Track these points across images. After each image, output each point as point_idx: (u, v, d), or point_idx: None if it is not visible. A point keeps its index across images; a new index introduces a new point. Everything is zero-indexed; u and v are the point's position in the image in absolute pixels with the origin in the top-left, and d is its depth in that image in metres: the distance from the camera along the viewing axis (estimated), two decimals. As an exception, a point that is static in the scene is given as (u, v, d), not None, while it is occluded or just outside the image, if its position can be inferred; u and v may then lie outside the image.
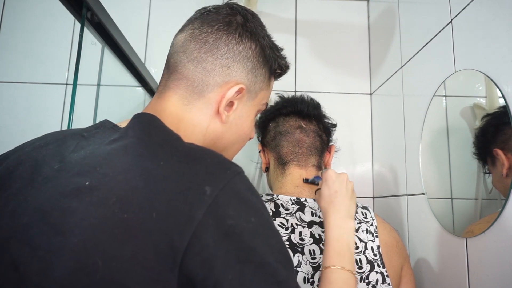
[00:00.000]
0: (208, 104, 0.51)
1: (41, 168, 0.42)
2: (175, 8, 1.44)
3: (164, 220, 0.34)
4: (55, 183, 0.39)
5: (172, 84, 0.52)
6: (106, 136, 0.45)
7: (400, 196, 1.06)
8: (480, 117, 0.73)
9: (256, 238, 0.36)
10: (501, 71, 0.66)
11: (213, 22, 0.51)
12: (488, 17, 0.70)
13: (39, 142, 0.47)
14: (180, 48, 0.52)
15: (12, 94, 1.36)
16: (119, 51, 0.99)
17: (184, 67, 0.51)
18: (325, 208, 0.68)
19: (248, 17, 0.54)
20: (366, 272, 0.71)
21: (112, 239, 0.34)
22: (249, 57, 0.52)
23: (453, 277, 0.78)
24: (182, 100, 0.51)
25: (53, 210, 0.36)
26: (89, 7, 0.77)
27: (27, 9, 1.41)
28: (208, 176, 0.38)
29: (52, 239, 0.35)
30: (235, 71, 0.51)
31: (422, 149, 0.94)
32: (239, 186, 0.39)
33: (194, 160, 0.40)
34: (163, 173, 0.37)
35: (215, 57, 0.50)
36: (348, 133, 1.35)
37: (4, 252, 0.36)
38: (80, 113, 0.80)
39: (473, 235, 0.71)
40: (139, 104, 1.31)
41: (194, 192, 0.36)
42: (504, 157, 0.66)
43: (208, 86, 0.50)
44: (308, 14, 1.44)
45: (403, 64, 1.08)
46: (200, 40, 0.50)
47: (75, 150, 0.43)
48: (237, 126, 0.54)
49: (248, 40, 0.52)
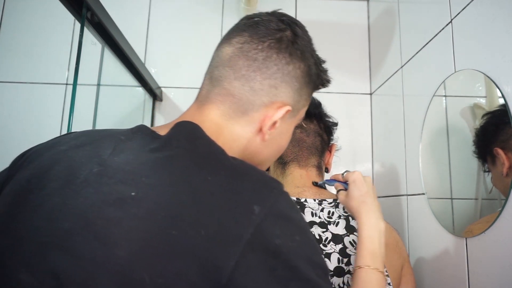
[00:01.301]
0: (251, 122, 0.49)
1: (79, 170, 0.40)
2: (175, 8, 1.44)
3: (212, 239, 0.34)
4: (97, 189, 0.38)
5: (215, 98, 0.49)
6: (146, 142, 0.44)
7: (400, 196, 1.06)
8: (480, 117, 0.73)
9: (301, 256, 0.37)
10: (501, 71, 0.66)
11: (263, 38, 0.49)
12: (488, 17, 0.70)
13: (74, 141, 0.46)
14: (227, 63, 0.49)
15: (12, 94, 1.36)
16: (119, 51, 0.99)
17: (230, 84, 0.49)
18: (356, 208, 0.68)
19: (298, 33, 0.51)
20: None
21: (160, 255, 0.33)
22: (298, 77, 0.51)
23: (453, 277, 0.78)
24: (224, 116, 0.49)
25: (97, 218, 0.35)
26: (89, 7, 0.77)
27: (27, 9, 1.41)
28: (256, 195, 0.38)
29: (96, 249, 0.34)
30: (282, 91, 0.50)
31: (422, 149, 0.94)
32: (284, 205, 0.39)
33: (240, 177, 0.39)
34: (211, 189, 0.37)
35: (264, 77, 0.48)
36: (348, 133, 1.35)
37: (42, 257, 0.35)
38: (80, 113, 0.80)
39: (472, 235, 0.71)
40: (139, 104, 1.31)
41: (243, 210, 0.36)
42: (504, 156, 0.66)
43: (254, 105, 0.49)
44: (308, 14, 1.44)
45: (403, 64, 1.08)
46: (250, 57, 0.48)
47: (114, 153, 0.42)
48: (276, 142, 0.54)
49: (298, 60, 0.50)
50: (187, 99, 1.38)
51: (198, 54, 1.39)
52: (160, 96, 1.36)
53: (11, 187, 0.43)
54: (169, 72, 1.39)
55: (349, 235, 0.73)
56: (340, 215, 0.76)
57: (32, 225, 0.37)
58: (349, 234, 0.73)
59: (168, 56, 1.40)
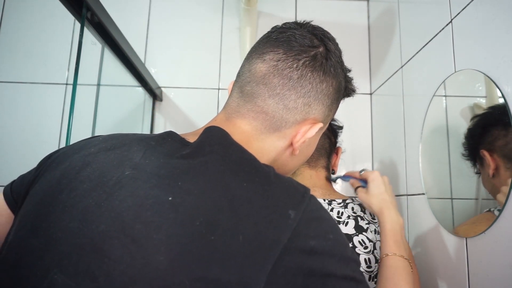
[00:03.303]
0: (282, 137, 0.50)
1: (110, 172, 0.40)
2: (175, 8, 1.44)
3: (250, 244, 0.34)
4: (132, 192, 0.38)
5: (247, 114, 0.49)
6: (177, 148, 0.44)
7: (400, 196, 1.06)
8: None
9: (335, 254, 0.38)
10: (501, 71, 0.66)
11: (298, 56, 0.49)
12: (488, 17, 0.70)
13: (104, 144, 0.46)
14: (260, 80, 0.49)
15: (12, 94, 1.36)
16: (119, 51, 0.99)
17: (264, 102, 0.48)
18: (377, 205, 0.74)
19: (330, 48, 0.52)
20: (375, 271, 0.71)
21: (199, 260, 0.33)
22: (329, 94, 0.52)
23: (453, 277, 0.78)
24: (255, 131, 0.49)
25: (135, 222, 0.35)
26: (89, 7, 0.77)
27: (27, 9, 1.41)
28: (290, 200, 0.39)
29: (135, 253, 0.34)
30: (315, 109, 0.51)
31: (422, 149, 0.94)
32: (315, 207, 0.40)
33: (274, 183, 0.40)
34: (247, 195, 0.38)
35: (299, 95, 0.48)
36: (348, 133, 1.35)
37: (77, 258, 0.35)
38: (80, 113, 0.80)
39: (463, 234, 0.71)
40: (139, 104, 1.31)
41: (279, 216, 0.37)
42: (490, 158, 0.67)
43: (287, 123, 0.49)
44: (308, 14, 1.44)
45: (403, 64, 1.08)
46: (285, 76, 0.48)
47: (145, 157, 0.42)
48: (303, 154, 0.56)
49: (331, 78, 0.51)
50: (187, 99, 1.38)
51: (198, 54, 1.39)
52: (160, 96, 1.36)
53: (40, 187, 0.43)
54: (169, 72, 1.39)
55: (358, 235, 0.74)
56: (349, 215, 0.77)
57: (65, 225, 0.37)
58: (358, 234, 0.74)
59: (168, 56, 1.40)
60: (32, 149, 1.26)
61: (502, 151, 0.66)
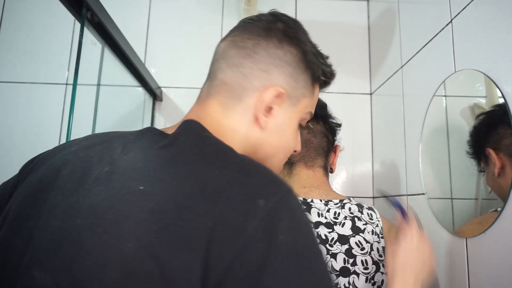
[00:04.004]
0: (247, 109, 0.50)
1: (90, 170, 0.41)
2: (175, 8, 1.44)
3: (217, 230, 0.34)
4: (108, 186, 0.38)
5: (213, 91, 0.51)
6: (155, 141, 0.44)
7: (400, 196, 1.06)
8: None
9: (303, 256, 0.37)
10: (501, 71, 0.66)
11: (252, 29, 0.52)
12: (488, 17, 0.70)
13: (84, 142, 0.47)
14: (220, 56, 0.52)
15: (12, 94, 1.36)
16: (119, 51, 0.99)
17: (223, 73, 0.51)
18: (392, 267, 0.61)
19: (289, 24, 0.53)
20: (372, 272, 0.71)
21: (168, 246, 0.33)
22: (289, 61, 0.51)
23: (453, 277, 0.78)
24: (221, 106, 0.50)
25: (107, 213, 0.36)
26: (89, 7, 0.77)
27: (27, 9, 1.41)
28: (262, 189, 0.38)
29: (106, 242, 0.34)
30: (273, 75, 0.50)
31: (422, 149, 0.94)
32: (291, 203, 0.39)
33: (248, 172, 0.40)
34: (218, 182, 0.37)
35: (254, 62, 0.50)
36: (348, 133, 1.35)
37: (54, 253, 0.36)
38: (80, 113, 0.80)
39: (464, 235, 0.71)
40: (139, 104, 1.31)
41: (248, 203, 0.36)
42: (496, 157, 0.67)
43: (246, 90, 0.50)
44: (308, 14, 1.44)
45: (403, 64, 1.08)
46: (240, 46, 0.51)
47: (123, 152, 0.43)
48: (278, 134, 0.53)
49: (288, 45, 0.51)
50: (187, 99, 1.38)
51: (198, 54, 1.39)
52: (160, 96, 1.36)
53: (22, 189, 0.44)
54: (169, 72, 1.39)
55: (354, 236, 0.73)
56: (346, 216, 0.76)
57: (47, 224, 0.38)
58: (355, 235, 0.74)
59: (168, 56, 1.40)
60: (32, 149, 1.25)
61: (508, 150, 0.65)
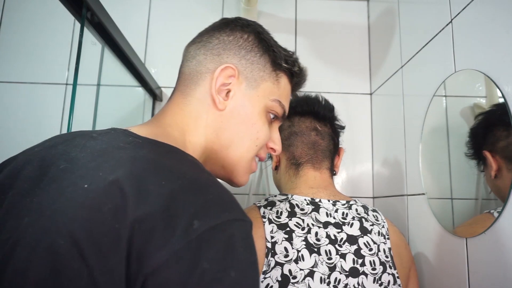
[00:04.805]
0: (204, 92, 0.53)
1: (49, 168, 0.41)
2: (175, 8, 1.44)
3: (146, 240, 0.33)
4: (60, 184, 0.38)
5: (176, 85, 0.57)
6: (116, 139, 0.44)
7: (400, 196, 1.06)
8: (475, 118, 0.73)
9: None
10: (501, 71, 0.66)
11: (209, 28, 0.58)
12: (488, 17, 0.70)
13: (48, 142, 0.47)
14: (184, 57, 0.58)
15: (12, 94, 1.36)
16: (119, 51, 0.99)
17: (183, 67, 0.57)
18: None
19: (246, 20, 0.58)
20: (379, 273, 0.71)
21: (99, 247, 0.33)
22: (241, 45, 0.55)
23: (453, 277, 0.78)
24: (182, 94, 0.55)
25: (47, 209, 0.36)
26: (89, 7, 0.77)
27: (27, 9, 1.41)
28: (202, 211, 0.36)
29: (40, 239, 0.34)
30: (226, 57, 0.54)
31: (422, 149, 0.94)
32: (233, 233, 0.36)
33: (195, 190, 0.38)
34: (161, 191, 0.36)
35: (207, 49, 0.55)
36: (348, 133, 1.35)
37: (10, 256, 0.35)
38: (80, 113, 0.80)
39: (464, 235, 0.71)
40: (139, 104, 1.31)
41: (181, 222, 0.34)
42: (492, 159, 0.66)
43: (201, 74, 0.54)
44: (308, 14, 1.44)
45: (403, 64, 1.08)
46: (196, 42, 0.57)
47: (82, 150, 0.42)
48: (240, 117, 0.54)
49: (239, 32, 0.56)
50: (187, 99, 1.38)
51: (198, 54, 1.39)
52: (160, 96, 1.36)
53: None
54: (169, 72, 1.39)
55: (363, 237, 0.74)
56: (354, 217, 0.77)
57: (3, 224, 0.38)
58: (363, 236, 0.74)
59: (168, 56, 1.40)
60: (32, 149, 1.26)
61: (503, 152, 0.65)
